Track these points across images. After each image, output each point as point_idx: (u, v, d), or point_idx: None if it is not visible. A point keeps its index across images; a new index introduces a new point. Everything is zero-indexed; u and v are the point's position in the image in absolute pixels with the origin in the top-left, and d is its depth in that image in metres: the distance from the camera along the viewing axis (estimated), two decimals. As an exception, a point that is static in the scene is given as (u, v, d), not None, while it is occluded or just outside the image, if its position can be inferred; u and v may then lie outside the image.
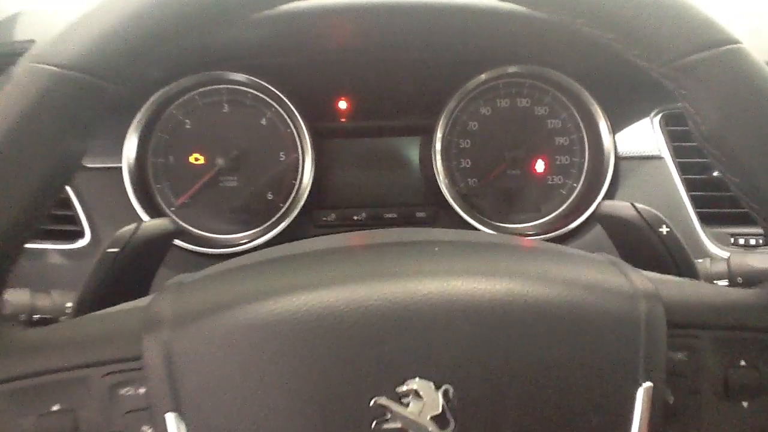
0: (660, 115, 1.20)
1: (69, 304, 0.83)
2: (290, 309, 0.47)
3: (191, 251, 1.16)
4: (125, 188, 1.15)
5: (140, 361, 0.47)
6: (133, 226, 0.76)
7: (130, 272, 0.76)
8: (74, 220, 1.16)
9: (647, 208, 0.79)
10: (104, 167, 1.17)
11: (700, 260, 0.95)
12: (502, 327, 0.48)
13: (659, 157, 1.18)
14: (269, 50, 1.17)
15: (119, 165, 1.16)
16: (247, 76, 1.16)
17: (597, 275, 0.53)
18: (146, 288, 0.79)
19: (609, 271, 0.54)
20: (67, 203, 1.16)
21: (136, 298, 0.57)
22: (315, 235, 1.21)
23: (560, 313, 0.49)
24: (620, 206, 0.81)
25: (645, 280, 0.53)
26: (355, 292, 0.48)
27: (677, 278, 0.61)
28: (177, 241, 1.15)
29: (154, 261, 0.79)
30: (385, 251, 0.61)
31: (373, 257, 0.58)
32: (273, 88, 1.16)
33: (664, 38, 0.50)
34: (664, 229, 0.77)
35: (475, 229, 1.18)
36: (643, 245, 0.78)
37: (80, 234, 1.16)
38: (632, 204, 0.79)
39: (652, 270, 0.58)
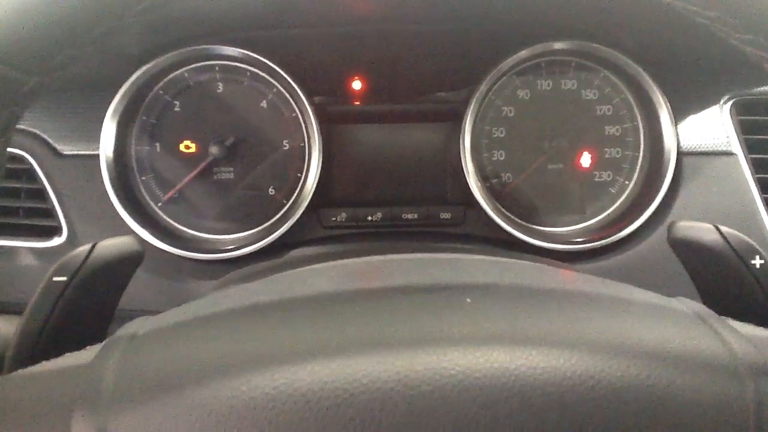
0: (731, 103, 1.06)
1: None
2: (269, 392, 0.38)
3: (180, 256, 1.04)
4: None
5: None
6: (86, 247, 0.64)
7: (85, 304, 0.64)
8: (49, 213, 1.06)
9: (736, 233, 0.67)
10: (82, 154, 1.06)
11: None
12: (561, 421, 0.38)
13: (730, 153, 1.05)
14: (269, 20, 1.03)
15: (99, 152, 1.04)
16: (242, 51, 1.03)
17: (685, 341, 0.43)
18: (107, 321, 0.67)
19: (699, 333, 0.45)
20: (41, 194, 1.06)
21: (91, 336, 0.51)
22: (322, 238, 1.09)
23: (640, 401, 0.39)
24: (700, 229, 0.68)
25: (746, 344, 0.44)
26: (358, 368, 0.39)
27: None
28: (164, 245, 1.03)
29: (115, 289, 0.68)
30: (400, 301, 0.51)
31: (384, 311, 0.49)
32: (274, 65, 1.04)
33: None
34: (757, 261, 0.64)
35: (509, 234, 1.06)
36: (728, 279, 0.65)
37: (56, 230, 1.06)
38: (716, 227, 0.66)
39: (742, 313, 0.51)
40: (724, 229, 0.65)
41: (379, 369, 0.39)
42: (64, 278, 0.61)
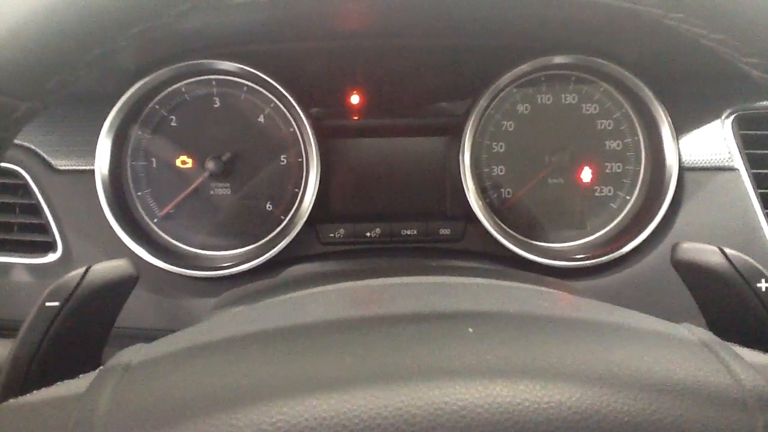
0: (733, 117, 1.05)
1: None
2: (266, 428, 0.37)
3: (176, 273, 1.02)
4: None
5: None
6: (79, 272, 0.62)
7: (78, 329, 0.62)
8: (44, 229, 1.04)
9: (741, 255, 0.65)
10: (77, 170, 1.05)
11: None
12: None
13: (731, 168, 1.03)
14: (266, 34, 1.02)
15: (94, 167, 1.03)
16: (239, 66, 1.01)
17: (692, 372, 0.42)
18: (101, 344, 0.65)
19: (706, 364, 0.44)
20: (36, 209, 1.04)
21: (86, 360, 0.51)
22: (320, 254, 1.08)
23: None
24: (704, 251, 0.66)
25: (754, 375, 0.43)
26: (358, 404, 0.38)
27: None
28: (160, 262, 1.02)
29: (109, 313, 0.66)
30: (401, 332, 0.50)
31: (385, 342, 0.47)
32: (271, 80, 1.02)
33: None
34: (763, 285, 0.63)
35: (508, 250, 1.04)
36: (734, 302, 0.64)
37: (51, 246, 1.04)
38: (720, 249, 0.65)
39: (748, 336, 0.51)
40: (729, 251, 0.64)
41: (379, 404, 0.38)
42: (56, 303, 0.59)
